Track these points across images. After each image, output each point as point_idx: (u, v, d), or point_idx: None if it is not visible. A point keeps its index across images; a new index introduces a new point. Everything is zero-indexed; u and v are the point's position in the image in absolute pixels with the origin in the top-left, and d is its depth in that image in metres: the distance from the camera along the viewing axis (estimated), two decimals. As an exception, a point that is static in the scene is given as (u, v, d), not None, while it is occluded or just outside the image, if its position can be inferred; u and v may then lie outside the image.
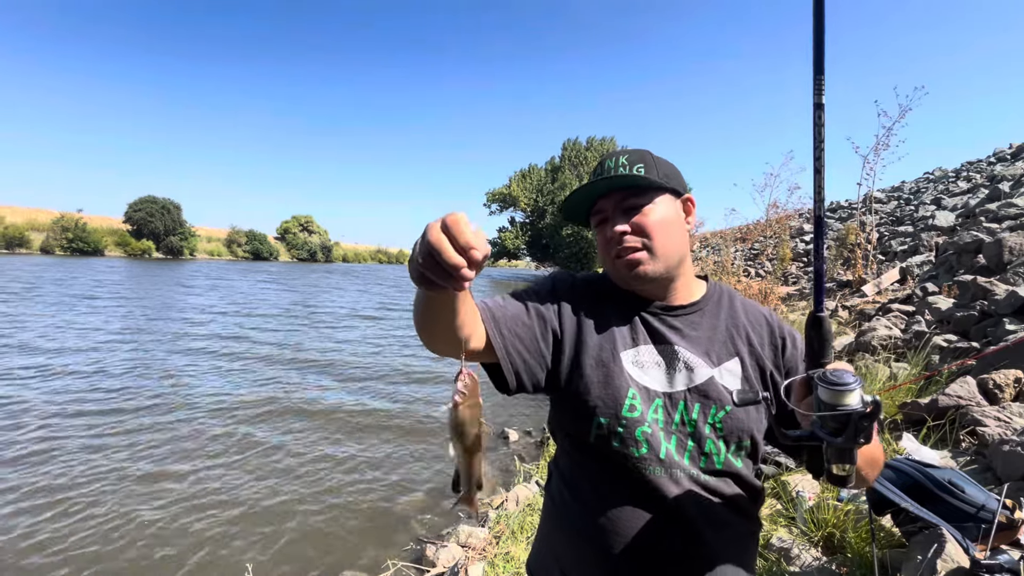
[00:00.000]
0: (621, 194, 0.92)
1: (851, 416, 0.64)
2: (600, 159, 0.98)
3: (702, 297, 0.99)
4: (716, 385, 0.90)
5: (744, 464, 0.91)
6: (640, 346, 0.93)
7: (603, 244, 0.95)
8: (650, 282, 0.94)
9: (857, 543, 2.33)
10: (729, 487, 0.89)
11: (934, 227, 9.80)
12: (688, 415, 0.89)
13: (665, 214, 0.92)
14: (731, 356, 0.94)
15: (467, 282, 0.62)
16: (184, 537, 3.65)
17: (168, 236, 54.14)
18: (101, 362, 8.18)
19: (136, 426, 5.62)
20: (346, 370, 8.79)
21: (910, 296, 6.29)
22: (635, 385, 0.90)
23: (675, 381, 0.91)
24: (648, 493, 0.86)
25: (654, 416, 0.89)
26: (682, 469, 0.87)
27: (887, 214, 14.59)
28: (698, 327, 0.96)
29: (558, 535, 0.97)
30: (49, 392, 6.56)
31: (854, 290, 8.66)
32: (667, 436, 0.88)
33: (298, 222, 77.85)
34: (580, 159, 44.46)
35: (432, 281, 0.63)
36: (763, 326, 0.98)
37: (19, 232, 45.13)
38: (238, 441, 5.38)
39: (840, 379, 0.66)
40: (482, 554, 3.19)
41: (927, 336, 4.37)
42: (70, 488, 4.21)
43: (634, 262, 0.90)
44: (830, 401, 0.66)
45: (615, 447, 0.88)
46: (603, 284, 1.03)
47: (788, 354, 0.96)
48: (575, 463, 0.95)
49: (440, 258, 0.59)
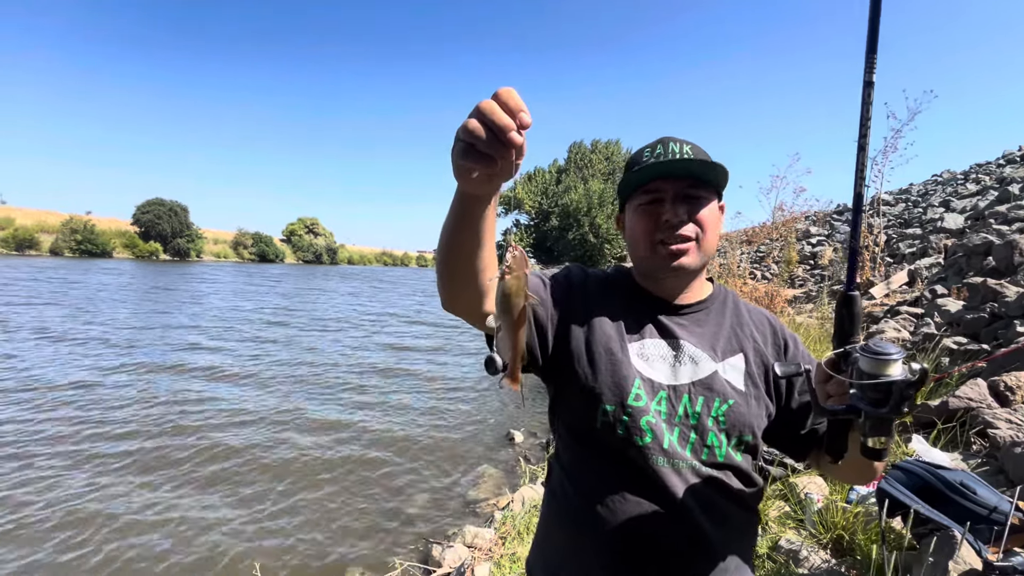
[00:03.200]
0: (688, 181, 0.91)
1: (894, 385, 0.64)
2: (661, 140, 0.95)
3: (708, 296, 1.01)
4: (720, 379, 0.92)
5: (744, 459, 0.92)
6: (646, 339, 0.94)
7: (646, 226, 0.93)
8: (685, 275, 0.95)
9: (867, 545, 2.31)
10: (730, 480, 0.90)
11: (943, 229, 9.72)
12: (692, 407, 0.90)
13: (714, 213, 0.94)
14: (735, 352, 0.95)
15: (514, 149, 0.58)
16: (193, 535, 3.68)
17: (175, 238, 54.54)
18: (119, 358, 8.25)
19: (145, 427, 5.66)
20: (347, 374, 8.82)
21: (919, 298, 6.24)
22: (640, 376, 0.91)
23: (680, 374, 0.92)
24: (651, 483, 0.87)
25: (658, 407, 0.89)
26: (684, 460, 0.88)
27: (895, 216, 14.49)
28: (704, 324, 0.98)
29: (557, 531, 0.97)
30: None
31: (862, 292, 8.61)
32: (670, 428, 0.89)
33: (304, 224, 78.25)
34: (585, 162, 44.46)
35: (480, 152, 0.58)
36: (766, 326, 1.01)
37: (29, 234, 45.61)
38: (246, 444, 5.41)
39: (884, 349, 0.66)
40: (488, 554, 3.19)
41: (937, 338, 4.33)
42: (78, 486, 4.25)
43: (679, 252, 0.91)
44: (872, 371, 0.66)
45: (619, 435, 0.88)
46: (617, 278, 1.04)
47: (791, 354, 0.99)
48: (576, 455, 0.95)
49: (489, 118, 0.56)
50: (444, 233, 0.76)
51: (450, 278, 0.79)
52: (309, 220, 79.17)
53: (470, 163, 0.60)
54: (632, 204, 0.96)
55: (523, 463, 5.02)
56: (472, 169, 0.61)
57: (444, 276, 0.80)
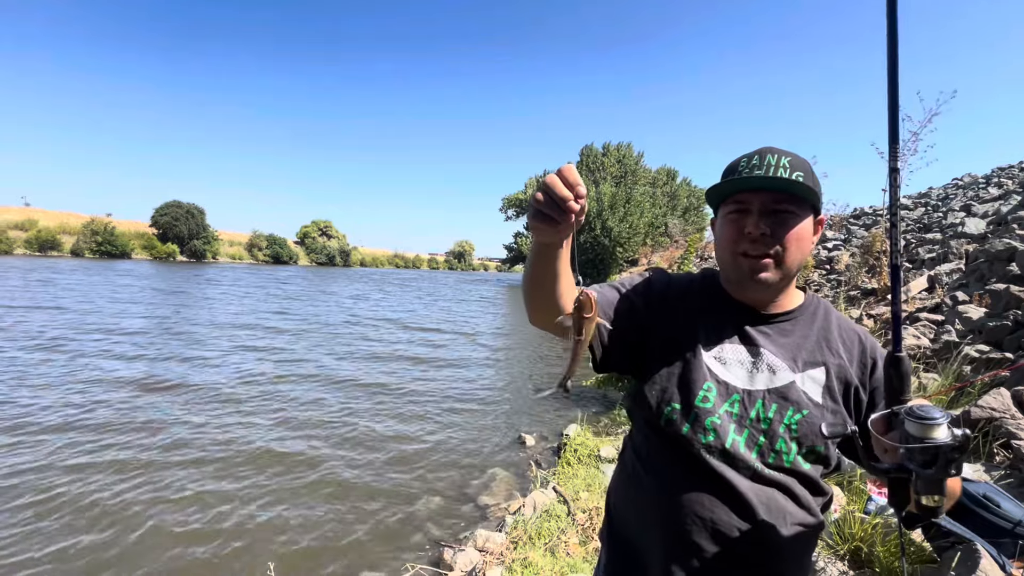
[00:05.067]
0: (776, 195, 0.92)
1: (941, 448, 0.68)
2: (759, 150, 0.96)
3: (798, 307, 1.03)
4: (796, 389, 0.94)
5: (813, 468, 0.94)
6: (725, 344, 0.99)
7: (731, 236, 0.96)
8: (765, 289, 0.97)
9: (886, 557, 2.27)
10: (794, 486, 0.92)
11: (964, 234, 9.52)
12: (764, 413, 0.93)
13: (804, 229, 0.94)
14: (817, 365, 0.97)
15: (573, 215, 0.75)
16: (206, 536, 3.73)
17: (192, 240, 55.44)
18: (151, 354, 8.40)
19: (160, 426, 5.75)
20: (356, 376, 8.88)
21: (939, 305, 6.12)
22: (713, 379, 0.96)
23: (756, 380, 0.95)
24: (710, 478, 0.92)
25: (729, 409, 0.94)
26: (746, 462, 0.92)
27: (914, 221, 14.22)
28: (789, 334, 1.00)
29: (626, 505, 1.06)
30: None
31: (879, 298, 8.46)
32: (739, 429, 0.93)
33: (317, 227, 79.03)
34: (597, 164, 44.34)
35: (546, 215, 0.76)
36: (855, 343, 1.00)
37: (51, 235, 46.66)
38: (258, 445, 5.47)
39: (928, 414, 0.69)
40: (500, 559, 3.19)
41: (958, 346, 4.25)
42: (92, 484, 4.33)
43: (759, 267, 0.93)
44: (918, 435, 0.70)
45: (684, 433, 0.94)
46: (703, 283, 1.08)
47: (878, 374, 0.97)
48: (648, 442, 1.02)
49: (552, 192, 0.74)
50: (527, 269, 0.93)
51: (533, 303, 0.96)
52: (323, 223, 79.94)
53: (539, 223, 0.78)
54: (722, 212, 0.99)
55: (534, 467, 5.01)
56: (541, 228, 0.79)
57: (529, 301, 0.96)
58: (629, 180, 44.02)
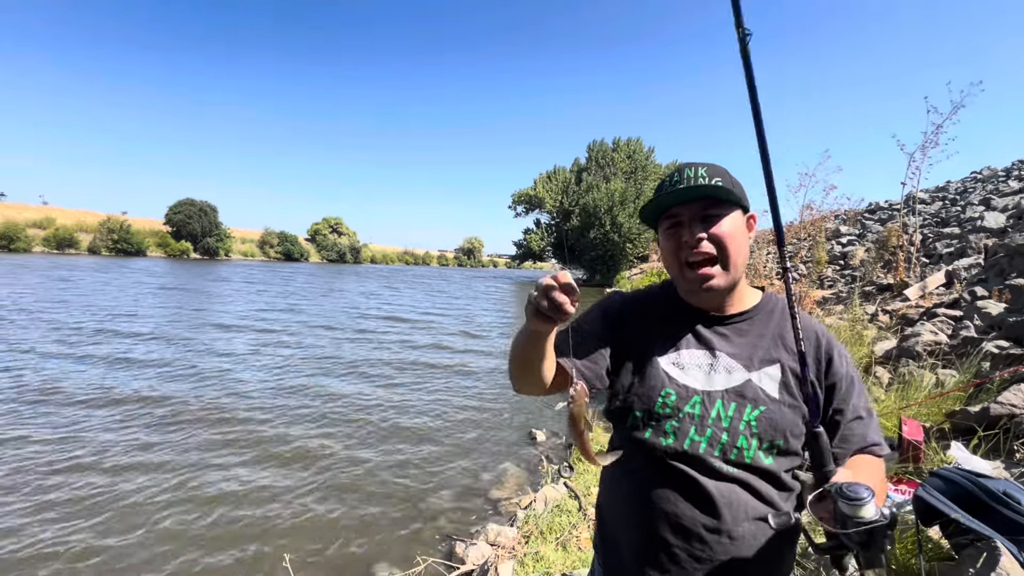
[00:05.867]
0: (701, 203, 0.99)
1: (876, 530, 0.75)
2: (679, 167, 1.04)
3: (754, 307, 1.08)
4: (753, 387, 0.99)
5: (776, 462, 0.97)
6: (682, 350, 1.04)
7: (673, 248, 1.03)
8: (717, 295, 1.03)
9: (902, 555, 2.25)
10: (754, 481, 0.96)
11: (983, 228, 9.35)
12: (725, 412, 0.98)
13: (736, 227, 1.01)
14: (772, 363, 1.01)
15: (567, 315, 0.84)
16: (224, 527, 3.79)
17: (205, 237, 56.08)
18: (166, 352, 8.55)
19: (178, 420, 5.85)
20: (378, 370, 8.95)
21: (957, 300, 6.01)
22: (672, 384, 1.01)
23: (714, 381, 1.00)
24: (673, 478, 0.98)
25: (690, 411, 0.99)
26: (706, 461, 0.96)
27: (931, 215, 13.97)
28: (745, 334, 1.05)
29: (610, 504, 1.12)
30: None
31: (895, 294, 8.34)
32: (700, 430, 0.98)
33: (328, 224, 79.54)
34: (606, 160, 44.08)
35: (542, 314, 0.84)
36: (811, 340, 1.03)
37: (69, 233, 47.49)
38: (275, 438, 5.55)
39: (856, 494, 0.77)
40: (511, 552, 3.20)
41: (978, 342, 4.17)
42: (108, 480, 4.42)
43: (705, 276, 1.00)
44: (850, 514, 0.77)
45: (647, 438, 1.01)
46: (659, 295, 1.14)
47: (834, 368, 1.03)
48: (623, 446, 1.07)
49: (551, 295, 0.82)
50: (515, 348, 1.00)
51: (520, 379, 1.03)
52: (333, 220, 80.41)
53: (536, 320, 0.86)
54: (660, 228, 1.07)
55: (545, 462, 5.03)
56: (540, 324, 0.87)
57: (514, 376, 1.04)
58: (639, 176, 43.68)
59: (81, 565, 3.30)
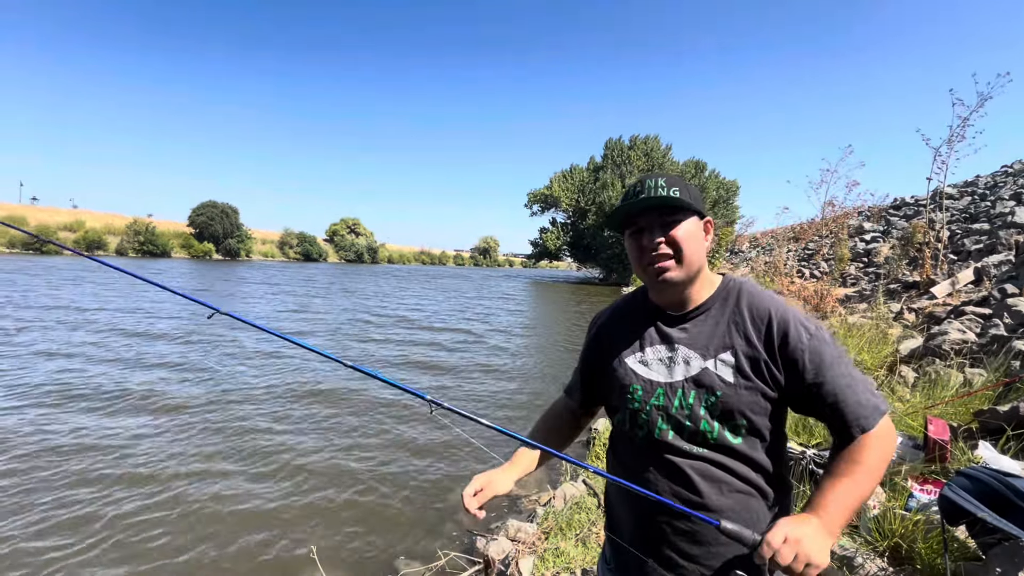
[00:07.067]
0: (659, 211, 1.09)
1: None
2: (640, 178, 1.15)
3: (709, 298, 1.15)
4: (710, 374, 1.07)
5: (745, 441, 1.06)
6: (647, 348, 1.17)
7: (638, 251, 1.13)
8: (673, 286, 1.12)
9: (928, 555, 2.23)
10: (724, 459, 1.06)
11: (1014, 224, 9.08)
12: (686, 400, 1.08)
13: (692, 230, 1.10)
14: (727, 349, 1.08)
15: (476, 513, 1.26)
16: (253, 518, 3.91)
17: (226, 239, 57.26)
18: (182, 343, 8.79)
19: (195, 412, 6.03)
20: (403, 372, 9.08)
21: (986, 298, 5.86)
22: (639, 381, 1.15)
23: (675, 373, 1.11)
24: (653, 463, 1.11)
25: (656, 403, 1.11)
26: (676, 446, 1.08)
27: (959, 211, 13.59)
28: (702, 325, 1.13)
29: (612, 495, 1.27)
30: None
31: (922, 292, 8.16)
32: (667, 419, 1.09)
33: (346, 224, 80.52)
34: (623, 158, 43.76)
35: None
36: (763, 320, 1.07)
37: (98, 236, 48.98)
38: (297, 430, 5.68)
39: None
40: (532, 548, 3.24)
41: (1007, 340, 4.08)
42: (128, 472, 4.59)
43: (663, 269, 1.09)
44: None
45: (627, 431, 1.17)
46: (632, 302, 1.28)
47: (790, 347, 1.02)
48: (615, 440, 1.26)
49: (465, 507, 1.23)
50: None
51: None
52: (351, 220, 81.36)
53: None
54: (626, 235, 1.16)
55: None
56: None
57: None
58: (656, 174, 43.17)
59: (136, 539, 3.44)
